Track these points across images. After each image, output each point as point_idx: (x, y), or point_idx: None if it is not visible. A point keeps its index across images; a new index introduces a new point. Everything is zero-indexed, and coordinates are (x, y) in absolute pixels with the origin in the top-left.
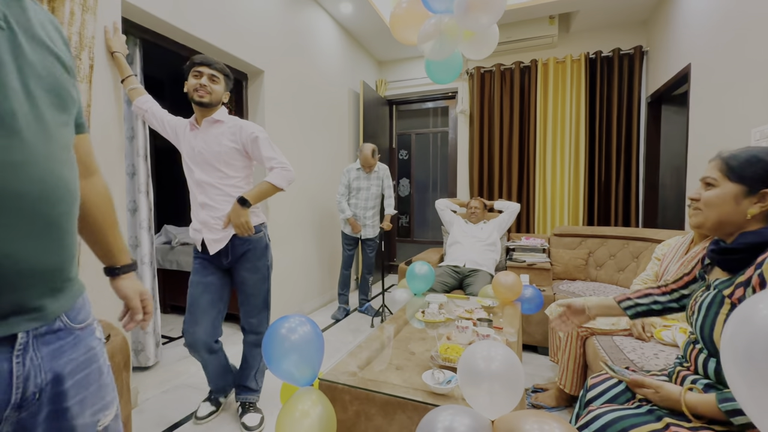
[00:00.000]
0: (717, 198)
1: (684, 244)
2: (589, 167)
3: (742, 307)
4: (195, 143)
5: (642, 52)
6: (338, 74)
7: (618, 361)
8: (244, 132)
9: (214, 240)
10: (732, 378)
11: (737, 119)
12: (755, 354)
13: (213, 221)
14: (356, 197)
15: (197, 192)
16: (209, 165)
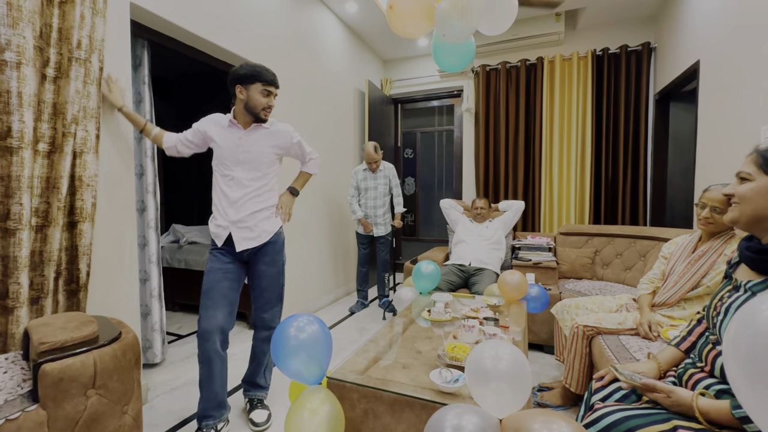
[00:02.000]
0: (752, 191)
1: (691, 243)
2: (595, 165)
3: (745, 307)
4: (240, 143)
5: (650, 49)
6: (343, 73)
7: (624, 360)
8: (288, 139)
9: (244, 239)
10: (733, 377)
11: (747, 116)
12: (757, 354)
13: (247, 219)
14: (365, 197)
15: (233, 189)
16: (252, 165)
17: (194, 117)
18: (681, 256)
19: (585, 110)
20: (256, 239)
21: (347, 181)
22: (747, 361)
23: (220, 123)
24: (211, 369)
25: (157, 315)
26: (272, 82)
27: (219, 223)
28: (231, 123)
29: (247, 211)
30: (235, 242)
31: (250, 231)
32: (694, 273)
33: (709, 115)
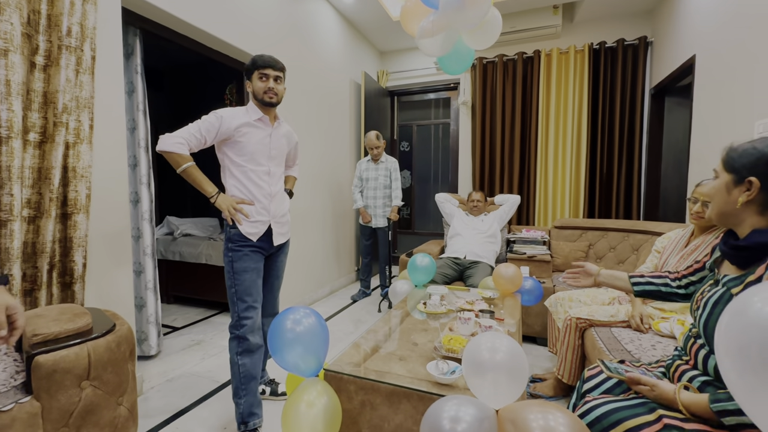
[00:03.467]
0: (713, 189)
1: (684, 237)
2: (590, 159)
3: (736, 300)
4: (270, 140)
5: (647, 43)
6: (339, 64)
7: (616, 352)
8: (293, 139)
9: (281, 234)
10: (725, 368)
11: (741, 111)
12: (747, 345)
13: (281, 214)
14: (366, 187)
15: (272, 184)
16: (279, 161)
17: (188, 107)
18: (674, 250)
19: (581, 104)
20: (286, 234)
21: (343, 173)
22: (738, 353)
23: (245, 118)
24: (255, 362)
25: (152, 307)
26: (266, 65)
27: (259, 218)
28: (260, 120)
29: (281, 206)
30: (273, 237)
31: (284, 226)
32: (676, 267)
33: (704, 110)
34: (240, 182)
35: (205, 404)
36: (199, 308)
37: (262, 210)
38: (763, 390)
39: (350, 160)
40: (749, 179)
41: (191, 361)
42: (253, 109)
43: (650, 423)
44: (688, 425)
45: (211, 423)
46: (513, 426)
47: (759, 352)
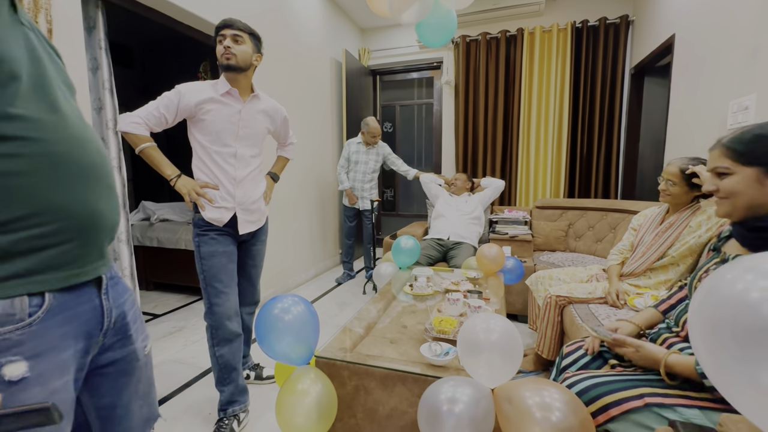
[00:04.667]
0: (739, 184)
1: (659, 215)
2: (571, 139)
3: (710, 277)
4: (240, 117)
5: (628, 22)
6: (319, 42)
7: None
8: (279, 114)
9: (249, 221)
10: (697, 345)
11: (717, 91)
12: (719, 322)
13: (250, 201)
14: (354, 170)
15: (238, 168)
16: (252, 142)
17: (161, 85)
18: (649, 228)
19: (563, 84)
20: (257, 222)
21: (325, 155)
22: (710, 330)
23: (210, 93)
24: (234, 350)
25: None
26: (223, 26)
27: (223, 204)
28: (228, 94)
29: (252, 192)
30: (239, 225)
31: (253, 214)
32: (661, 244)
33: (681, 91)
34: (205, 165)
35: (188, 391)
36: (179, 294)
37: (226, 195)
38: (733, 367)
39: (332, 142)
40: None
41: (173, 348)
42: (222, 82)
43: (630, 399)
44: (669, 400)
45: (195, 409)
46: (509, 404)
47: (730, 330)
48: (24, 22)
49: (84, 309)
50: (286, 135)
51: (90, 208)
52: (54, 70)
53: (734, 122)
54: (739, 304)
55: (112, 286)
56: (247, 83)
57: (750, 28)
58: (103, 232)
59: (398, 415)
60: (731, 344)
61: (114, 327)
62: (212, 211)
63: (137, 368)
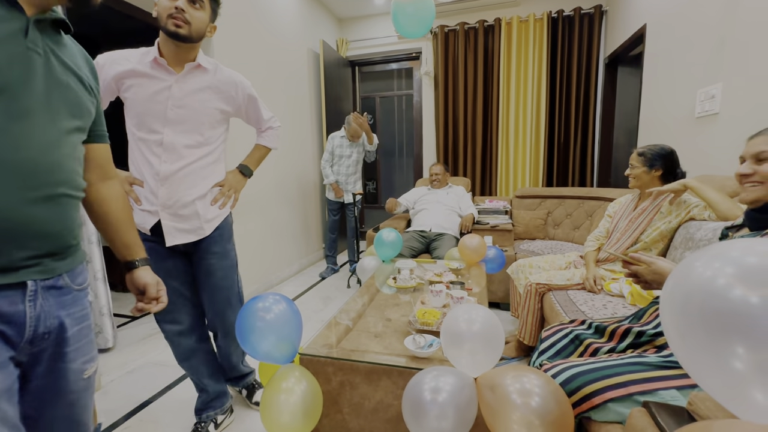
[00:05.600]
0: None
1: (633, 202)
2: (549, 129)
3: (681, 264)
4: (170, 94)
5: (602, 12)
6: (295, 32)
7: (571, 312)
8: (239, 90)
9: (178, 230)
10: (668, 331)
11: (685, 80)
12: (689, 307)
13: (180, 204)
14: (338, 164)
15: (165, 160)
16: (189, 127)
17: None
18: (623, 214)
19: (540, 74)
20: (195, 232)
21: (305, 148)
22: (680, 315)
23: (133, 64)
24: (194, 365)
25: (103, 298)
26: None
27: (145, 207)
28: (156, 63)
29: (184, 192)
30: (165, 234)
31: (187, 221)
32: (634, 230)
33: (652, 80)
34: (133, 155)
35: (171, 393)
36: None
37: (149, 195)
38: (701, 350)
39: (312, 134)
40: None
41: (153, 350)
42: (154, 49)
43: (612, 387)
44: (649, 385)
45: (179, 411)
46: (491, 392)
47: (699, 315)
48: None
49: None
50: (258, 118)
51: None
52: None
53: (702, 111)
54: (707, 290)
55: (53, 296)
56: (187, 55)
57: (716, 19)
58: (27, 238)
59: (384, 408)
60: (700, 329)
61: (45, 338)
62: (137, 214)
63: (69, 390)
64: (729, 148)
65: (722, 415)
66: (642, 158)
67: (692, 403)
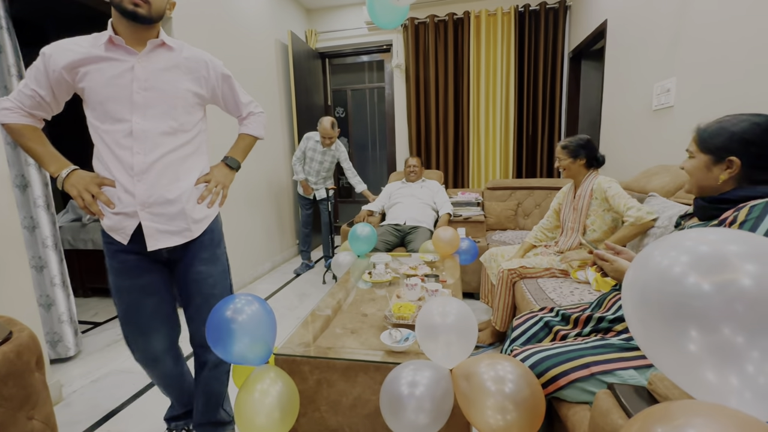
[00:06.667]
0: (693, 168)
1: (570, 191)
2: (518, 121)
3: (640, 254)
4: (134, 75)
5: (566, 7)
6: (261, 23)
7: (541, 300)
8: (211, 70)
9: (161, 232)
10: (629, 317)
11: (643, 74)
12: (648, 296)
13: (163, 200)
14: (309, 165)
15: (139, 151)
16: (161, 110)
17: None
18: (566, 205)
19: (508, 67)
20: (182, 234)
21: (276, 143)
22: (640, 304)
23: (85, 49)
24: (168, 386)
25: (63, 304)
26: None
27: (119, 209)
28: (112, 44)
29: (166, 187)
30: (147, 237)
31: (172, 221)
32: (578, 217)
33: (613, 74)
34: (98, 151)
35: (140, 401)
36: None
37: (123, 195)
38: (659, 335)
39: (282, 129)
40: (730, 159)
41: (119, 357)
42: (107, 31)
43: (576, 368)
44: (610, 366)
45: (149, 419)
46: (467, 381)
47: (657, 301)
48: None
49: None
50: (236, 101)
51: None
52: None
53: (658, 104)
54: (664, 278)
55: None
56: (147, 34)
57: (671, 15)
58: None
59: (362, 404)
60: (657, 314)
61: None
62: (109, 219)
63: None
64: (683, 139)
65: (679, 393)
66: (566, 151)
67: (652, 382)
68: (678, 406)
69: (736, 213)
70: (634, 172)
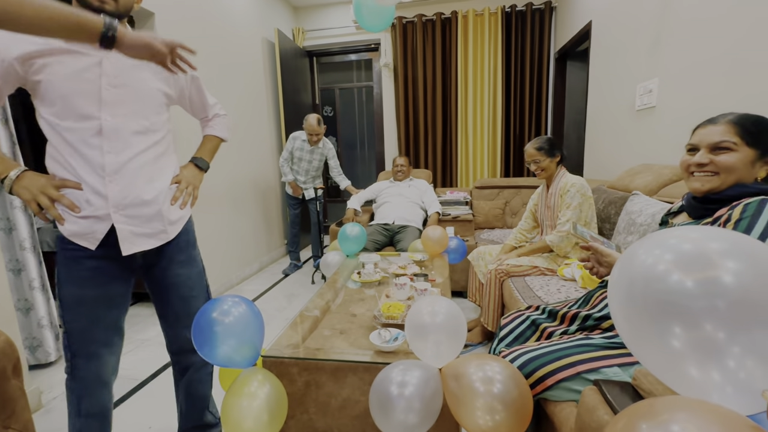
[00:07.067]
0: (738, 162)
1: (543, 191)
2: (505, 121)
3: (625, 254)
4: (102, 71)
5: (551, 8)
6: (248, 20)
7: (529, 298)
8: None
9: (137, 235)
10: (615, 314)
11: (626, 75)
12: (633, 294)
13: (139, 202)
14: (298, 165)
15: (103, 150)
16: (132, 109)
17: None
18: (541, 204)
19: (496, 67)
20: (157, 236)
21: (263, 142)
22: (625, 301)
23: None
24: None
25: (42, 309)
26: None
27: (86, 213)
28: None
29: (142, 187)
30: (121, 241)
31: (148, 224)
32: (552, 216)
33: (598, 74)
34: (56, 151)
35: (124, 406)
36: None
37: (92, 197)
38: (644, 332)
39: (269, 128)
40: None
41: None
42: None
43: (563, 368)
44: (595, 364)
45: (133, 424)
46: (456, 381)
47: (642, 299)
48: None
49: None
50: (203, 103)
51: None
52: None
53: (641, 104)
54: (648, 276)
55: None
56: None
57: (654, 17)
58: None
59: (351, 405)
60: (642, 311)
61: None
62: (73, 224)
63: None
64: (665, 138)
65: (662, 388)
66: (543, 152)
67: (636, 378)
68: (662, 403)
69: (731, 211)
70: (617, 171)
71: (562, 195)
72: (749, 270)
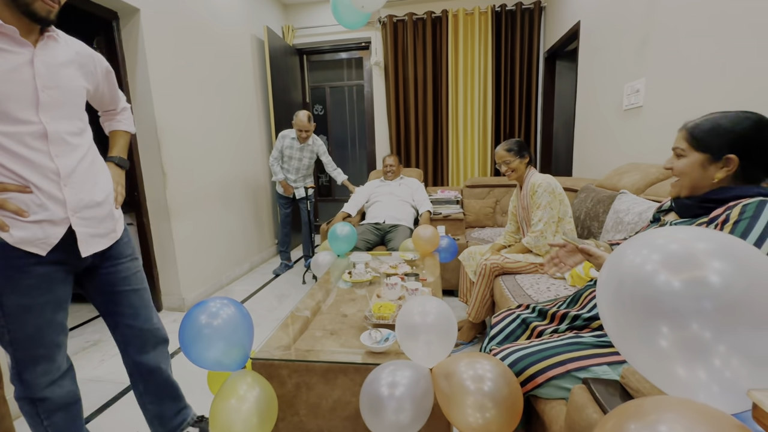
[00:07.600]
0: (687, 167)
1: (516, 193)
2: (495, 120)
3: (613, 254)
4: (34, 71)
5: (541, 8)
6: (236, 17)
7: (519, 297)
8: (98, 64)
9: (94, 236)
10: (603, 314)
11: (614, 75)
12: (622, 294)
13: (93, 204)
14: (288, 164)
15: (53, 155)
16: (67, 112)
17: None
18: (518, 207)
19: (486, 66)
20: (109, 236)
21: (253, 141)
22: (614, 301)
23: None
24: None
25: None
26: None
27: (38, 217)
28: (2, 35)
29: (91, 189)
30: (80, 243)
31: (102, 224)
32: (526, 218)
33: (586, 74)
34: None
35: (111, 410)
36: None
37: (46, 201)
38: (632, 332)
39: (259, 126)
40: (728, 157)
41: (88, 365)
42: None
43: (552, 366)
44: (584, 362)
45: (119, 430)
46: (446, 380)
47: (629, 299)
48: None
49: None
50: (113, 96)
51: None
52: None
53: (628, 104)
54: (636, 276)
55: None
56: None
57: (640, 17)
58: None
59: (342, 406)
60: (630, 311)
61: None
62: (24, 229)
63: None
64: (652, 138)
65: (650, 385)
66: (513, 153)
67: (624, 376)
68: (649, 403)
69: (728, 212)
70: (605, 170)
71: (532, 195)
72: (735, 270)
